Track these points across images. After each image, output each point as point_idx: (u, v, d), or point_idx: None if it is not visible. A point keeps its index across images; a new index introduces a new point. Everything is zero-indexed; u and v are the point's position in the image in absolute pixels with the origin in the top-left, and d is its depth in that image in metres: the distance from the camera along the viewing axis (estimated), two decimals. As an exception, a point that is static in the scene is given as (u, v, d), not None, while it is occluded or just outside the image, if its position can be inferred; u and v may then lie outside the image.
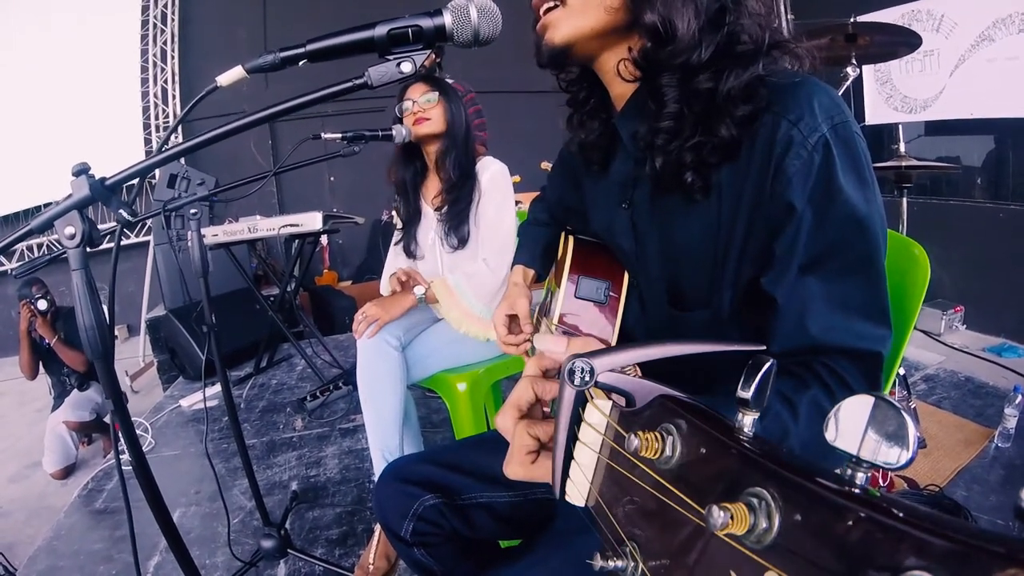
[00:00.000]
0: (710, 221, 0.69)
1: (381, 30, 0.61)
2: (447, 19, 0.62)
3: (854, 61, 2.10)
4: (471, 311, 1.61)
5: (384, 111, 4.89)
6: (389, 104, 1.71)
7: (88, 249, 0.69)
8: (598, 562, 0.38)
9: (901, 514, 0.22)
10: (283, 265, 4.07)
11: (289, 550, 1.63)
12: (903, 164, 2.28)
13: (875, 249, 0.63)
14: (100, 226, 0.71)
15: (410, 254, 1.79)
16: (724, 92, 0.64)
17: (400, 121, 1.65)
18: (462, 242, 1.66)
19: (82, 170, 0.66)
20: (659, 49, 0.67)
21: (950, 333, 3.16)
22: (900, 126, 3.08)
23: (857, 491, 0.24)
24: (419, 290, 1.62)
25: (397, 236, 1.83)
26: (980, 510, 1.65)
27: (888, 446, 0.26)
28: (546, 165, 2.52)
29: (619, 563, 0.36)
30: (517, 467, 0.54)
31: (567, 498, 0.46)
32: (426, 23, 0.61)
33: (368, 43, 0.61)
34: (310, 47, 0.62)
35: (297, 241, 3.07)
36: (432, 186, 1.74)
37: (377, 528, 1.59)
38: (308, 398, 2.78)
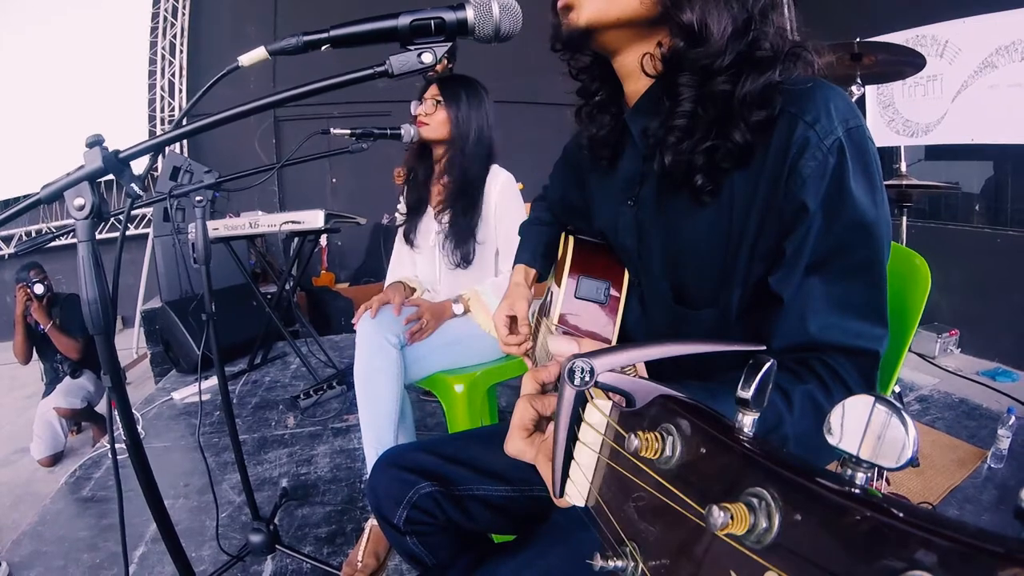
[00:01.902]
0: (720, 222, 0.70)
1: (404, 20, 0.61)
2: (469, 13, 0.62)
3: (859, 80, 2.12)
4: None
5: (391, 115, 4.91)
6: (396, 108, 1.73)
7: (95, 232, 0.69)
8: (598, 562, 0.38)
9: (901, 514, 0.22)
10: (282, 263, 4.06)
11: (277, 546, 1.61)
12: (903, 183, 2.30)
13: (879, 253, 0.64)
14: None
15: (409, 241, 1.79)
16: (740, 96, 0.65)
17: (415, 119, 1.67)
18: (465, 260, 1.67)
19: (96, 142, 0.66)
20: (689, 49, 0.67)
21: (945, 356, 3.17)
22: (901, 148, 3.11)
23: (857, 491, 0.25)
24: (458, 308, 1.66)
25: (400, 219, 1.83)
26: (972, 531, 1.65)
27: (888, 445, 0.26)
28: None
29: (619, 563, 0.36)
30: (518, 442, 0.54)
31: (567, 498, 0.46)
32: (449, 16, 0.62)
33: (391, 32, 0.62)
34: (333, 32, 0.63)
35: (297, 240, 3.07)
36: (438, 187, 1.75)
37: (367, 526, 1.58)
38: (301, 396, 2.76)
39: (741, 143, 0.65)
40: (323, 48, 0.62)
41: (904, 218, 2.39)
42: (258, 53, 0.64)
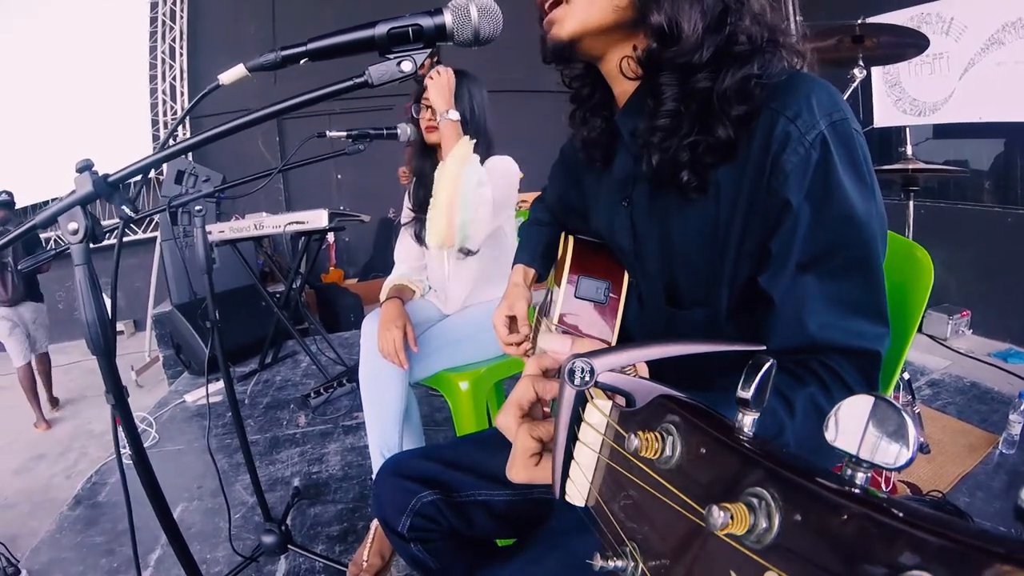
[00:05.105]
0: (707, 219, 0.70)
1: (381, 29, 0.61)
2: (447, 18, 0.62)
3: (861, 63, 2.09)
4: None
5: (392, 109, 4.89)
6: (397, 103, 1.71)
7: (92, 245, 0.70)
8: (598, 562, 0.38)
9: (901, 514, 0.22)
10: (289, 262, 4.08)
11: (290, 546, 1.63)
12: (909, 167, 2.27)
13: (872, 249, 0.63)
14: (104, 222, 0.72)
15: (421, 240, 1.78)
16: (720, 91, 0.65)
17: (416, 120, 1.65)
18: (468, 251, 1.66)
19: (85, 167, 0.67)
20: (664, 49, 0.67)
21: (956, 338, 3.14)
22: (908, 129, 3.07)
23: (857, 491, 0.24)
24: (454, 114, 1.52)
25: (407, 216, 1.81)
26: (983, 516, 1.64)
27: (888, 446, 0.26)
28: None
29: (619, 563, 0.36)
30: (520, 470, 0.53)
31: (567, 498, 0.46)
32: (426, 22, 0.61)
33: (368, 42, 0.62)
34: (311, 46, 0.62)
35: (303, 238, 3.08)
36: None
37: (372, 525, 1.59)
38: (312, 395, 2.79)
39: (724, 138, 0.65)
40: (301, 62, 0.62)
41: (911, 202, 2.36)
42: (238, 71, 0.65)
